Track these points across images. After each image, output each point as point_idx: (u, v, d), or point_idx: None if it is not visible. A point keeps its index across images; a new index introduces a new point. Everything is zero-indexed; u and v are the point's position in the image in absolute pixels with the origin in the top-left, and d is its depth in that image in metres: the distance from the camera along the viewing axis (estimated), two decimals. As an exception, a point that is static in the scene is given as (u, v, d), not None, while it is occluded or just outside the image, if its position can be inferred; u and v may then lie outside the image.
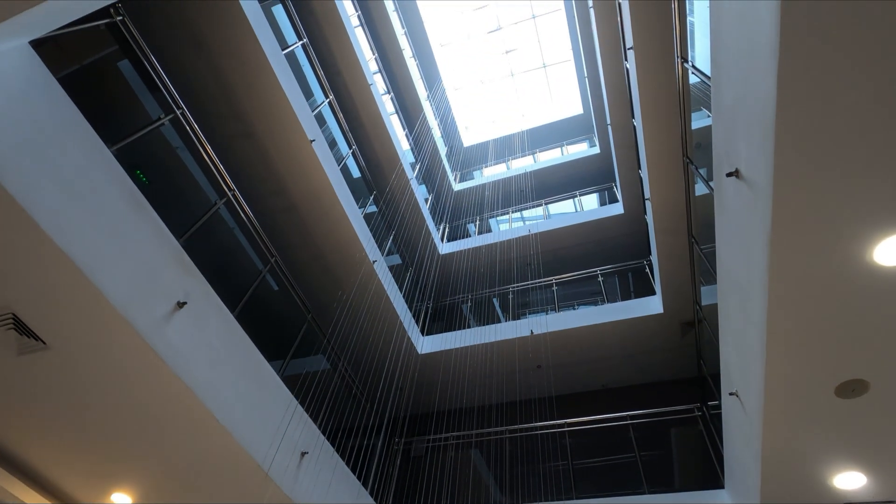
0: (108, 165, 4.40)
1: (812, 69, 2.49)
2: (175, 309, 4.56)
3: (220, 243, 6.60)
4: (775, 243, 3.07)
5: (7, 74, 3.67)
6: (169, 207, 5.42)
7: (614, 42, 9.25)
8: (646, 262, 11.00)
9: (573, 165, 15.23)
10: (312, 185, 8.53)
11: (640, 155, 8.45)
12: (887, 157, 2.70)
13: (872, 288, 3.24)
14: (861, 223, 2.94)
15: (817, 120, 2.63)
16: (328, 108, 10.06)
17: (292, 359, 7.17)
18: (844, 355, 3.66)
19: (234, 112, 8.02)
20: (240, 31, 7.27)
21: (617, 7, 7.76)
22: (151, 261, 4.51)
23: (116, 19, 5.12)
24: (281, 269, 7.17)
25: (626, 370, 10.09)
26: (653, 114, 7.15)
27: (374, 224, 10.62)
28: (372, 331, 9.07)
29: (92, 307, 3.95)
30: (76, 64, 4.94)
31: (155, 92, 5.81)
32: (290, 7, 9.27)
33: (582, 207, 14.58)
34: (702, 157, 5.70)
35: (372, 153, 12.05)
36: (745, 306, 3.98)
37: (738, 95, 3.24)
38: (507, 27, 17.79)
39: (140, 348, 4.17)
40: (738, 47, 3.06)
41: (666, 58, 6.60)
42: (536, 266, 11.70)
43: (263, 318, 6.93)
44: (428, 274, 12.66)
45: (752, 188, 3.22)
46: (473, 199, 15.44)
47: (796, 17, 2.36)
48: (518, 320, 10.66)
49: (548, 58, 18.15)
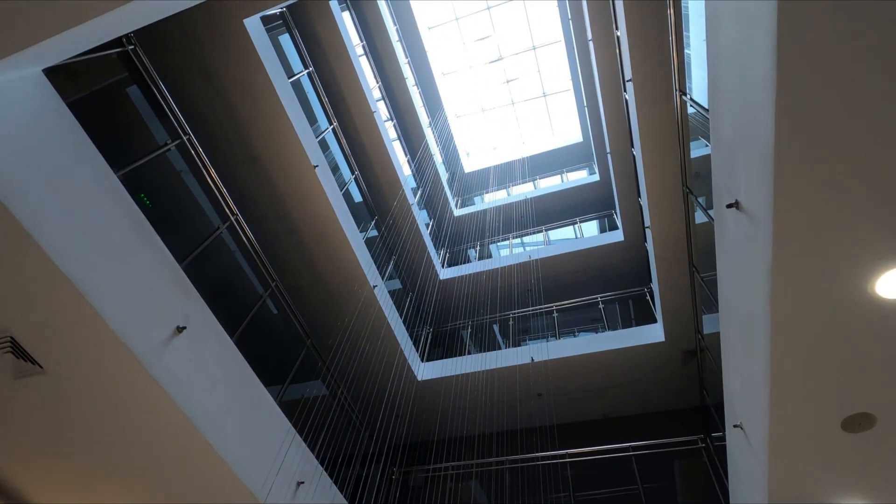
0: (114, 190, 4.44)
1: (810, 104, 2.54)
2: (174, 334, 4.54)
3: (221, 267, 6.60)
4: (776, 274, 3.08)
5: (20, 101, 3.74)
6: (172, 230, 5.45)
7: (613, 73, 9.45)
8: (646, 290, 10.98)
9: (573, 192, 15.36)
10: (315, 210, 8.59)
11: (639, 183, 8.54)
12: (887, 191, 2.73)
13: (875, 321, 3.23)
14: (862, 256, 2.95)
15: (816, 153, 2.67)
16: (332, 135, 10.22)
17: (291, 384, 7.09)
18: (850, 389, 3.62)
19: (239, 137, 8.15)
20: (247, 60, 7.45)
21: (616, 41, 7.96)
22: (153, 285, 4.50)
23: (128, 48, 5.25)
24: (281, 294, 7.15)
25: (628, 399, 9.96)
26: (652, 143, 7.25)
27: (375, 249, 10.64)
28: (371, 357, 8.99)
29: (91, 331, 3.92)
30: (87, 90, 5.04)
31: (162, 117, 5.91)
32: (297, 37, 9.51)
33: (582, 234, 14.64)
34: (701, 185, 5.75)
35: (374, 178, 12.18)
36: (747, 337, 3.96)
37: (736, 128, 3.30)
38: (508, 57, 18.21)
39: (137, 374, 4.13)
40: (735, 81, 3.13)
41: (664, 89, 6.74)
42: (537, 292, 11.67)
43: (262, 341, 6.88)
44: (428, 299, 12.62)
45: (752, 219, 3.24)
46: (474, 224, 15.51)
47: (793, 53, 2.42)
48: (518, 347, 10.57)
49: (548, 87, 18.53)
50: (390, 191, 12.27)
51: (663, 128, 7.00)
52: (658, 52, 6.56)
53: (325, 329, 8.61)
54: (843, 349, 3.41)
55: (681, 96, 5.42)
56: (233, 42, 7.41)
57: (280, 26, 9.16)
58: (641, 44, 6.72)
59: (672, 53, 5.57)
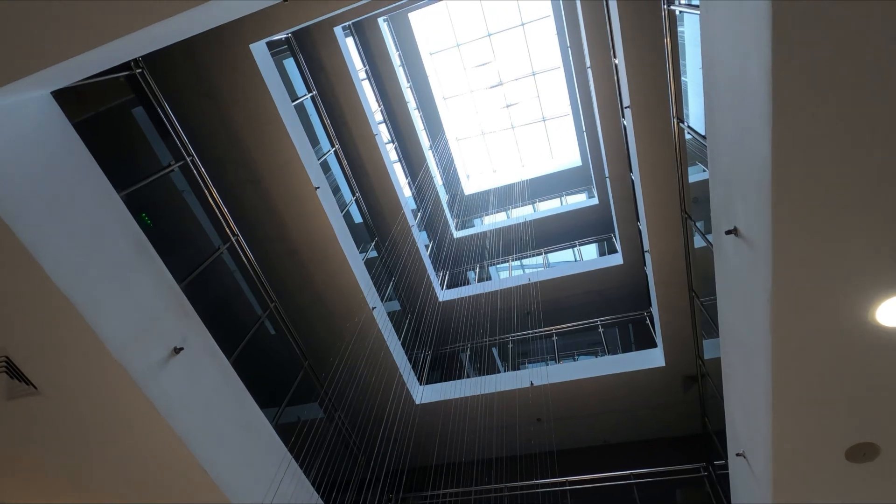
0: (116, 210, 4.46)
1: (806, 132, 2.57)
2: (171, 355, 4.50)
3: (220, 287, 6.59)
4: (776, 302, 3.08)
5: (28, 122, 3.80)
6: (172, 250, 5.46)
7: (612, 100, 9.61)
8: (646, 314, 10.94)
9: (572, 215, 15.44)
10: (315, 231, 8.62)
11: (638, 208, 8.59)
12: (885, 218, 2.75)
13: (877, 349, 3.21)
14: (861, 284, 2.96)
15: (814, 180, 2.69)
16: (333, 157, 10.32)
17: (287, 406, 7.00)
18: (853, 418, 3.58)
19: (242, 158, 8.23)
20: (252, 84, 7.58)
21: (614, 68, 8.12)
22: (151, 305, 4.49)
23: (136, 72, 5.34)
24: (280, 315, 7.12)
25: (628, 425, 9.82)
26: (650, 168, 7.33)
27: (375, 270, 10.64)
28: (369, 379, 8.89)
29: (88, 352, 3.90)
30: (93, 110, 5.12)
31: (166, 138, 5.99)
32: (301, 61, 9.70)
33: (581, 257, 14.66)
34: (700, 210, 5.79)
35: (374, 199, 12.26)
36: (748, 364, 3.94)
37: (733, 156, 3.34)
38: (507, 83, 18.54)
39: (133, 395, 4.08)
40: (732, 110, 3.18)
41: (662, 115, 6.84)
42: (536, 315, 11.63)
43: (259, 362, 6.82)
44: (427, 321, 12.56)
45: (751, 246, 3.26)
46: (474, 246, 15.54)
47: (788, 83, 2.47)
48: (518, 371, 10.48)
49: (547, 112, 18.81)
50: (391, 212, 12.34)
51: (662, 153, 7.08)
52: (656, 80, 6.68)
53: (323, 351, 8.54)
54: (846, 378, 3.38)
55: (678, 124, 5.50)
56: (238, 66, 7.56)
57: (285, 51, 9.35)
58: (639, 71, 6.86)
59: (669, 82, 5.68)
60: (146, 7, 2.88)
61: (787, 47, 2.39)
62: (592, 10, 9.12)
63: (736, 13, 2.75)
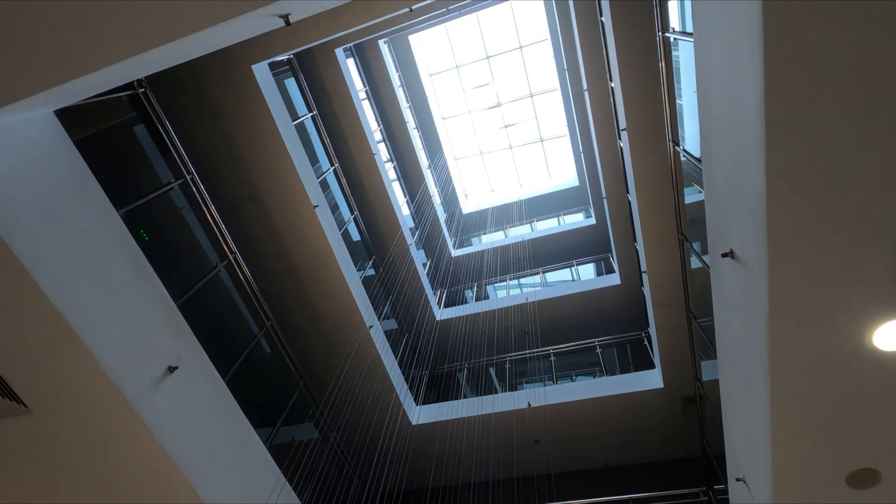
0: (115, 227, 4.47)
1: (800, 158, 2.61)
2: (165, 373, 4.46)
3: (217, 304, 6.56)
4: (773, 325, 3.08)
5: (30, 141, 3.83)
6: (169, 267, 5.45)
7: (608, 121, 9.74)
8: (644, 334, 10.91)
9: (570, 235, 15.49)
10: (313, 249, 8.63)
11: (635, 228, 8.64)
12: (881, 241, 2.77)
13: (875, 373, 3.21)
14: (858, 308, 2.97)
15: (808, 204, 2.72)
16: (332, 175, 10.39)
17: (282, 426, 6.91)
18: (853, 443, 3.56)
19: (242, 176, 8.28)
20: (254, 104, 7.67)
21: (610, 91, 8.25)
22: (147, 323, 4.46)
23: (139, 91, 5.41)
24: (276, 334, 7.08)
25: (627, 447, 9.70)
26: (647, 190, 7.39)
27: (373, 289, 10.61)
28: (365, 399, 8.80)
29: (81, 370, 3.86)
30: (95, 128, 5.17)
31: (166, 155, 6.03)
32: (303, 81, 9.84)
33: (579, 277, 14.66)
34: (697, 231, 5.83)
35: (373, 217, 12.29)
36: (746, 387, 3.92)
37: (728, 180, 3.38)
38: (506, 104, 18.79)
39: (125, 414, 4.03)
40: (726, 135, 3.23)
41: (658, 138, 6.93)
42: (534, 335, 11.57)
43: (254, 381, 6.75)
44: (425, 340, 12.48)
45: (747, 269, 3.27)
46: (472, 265, 15.55)
47: (780, 109, 2.51)
48: (515, 391, 10.38)
49: (545, 132, 19.03)
50: (389, 230, 12.37)
51: (658, 175, 7.15)
52: (652, 103, 6.79)
53: (318, 370, 8.47)
54: (846, 402, 3.37)
55: (674, 147, 5.57)
56: (240, 85, 7.66)
57: (287, 71, 9.49)
58: (635, 95, 6.97)
59: (665, 106, 5.77)
60: (151, 31, 2.93)
61: (778, 76, 2.45)
62: (589, 35, 9.31)
63: (729, 43, 2.82)
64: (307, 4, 3.17)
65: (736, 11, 2.60)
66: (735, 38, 2.71)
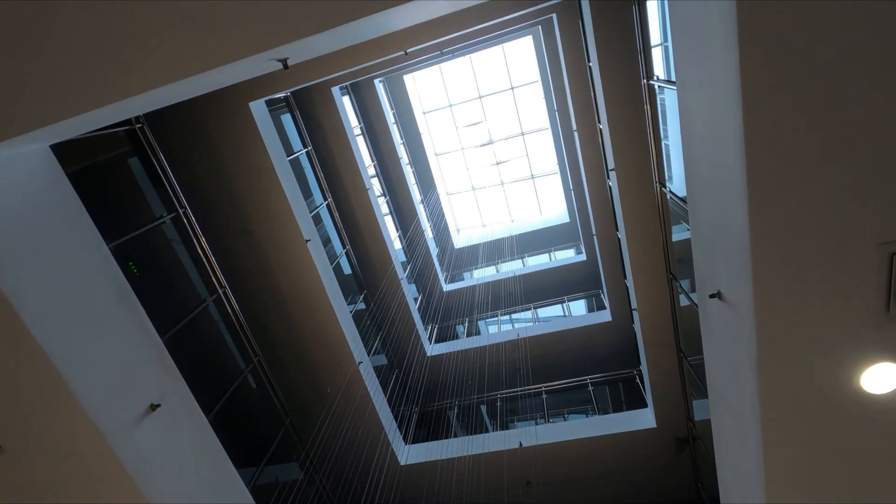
0: (104, 261, 4.43)
1: (782, 202, 2.69)
2: (147, 412, 4.33)
3: (204, 339, 6.45)
4: (763, 368, 3.09)
5: (24, 174, 3.84)
6: (157, 300, 5.39)
7: (597, 162, 9.98)
8: (636, 372, 10.84)
9: (561, 271, 15.58)
10: (304, 283, 8.58)
11: (625, 265, 8.72)
12: (863, 289, 2.83)
13: (865, 416, 3.21)
14: (845, 351, 3.00)
15: (793, 249, 2.79)
16: (326, 209, 10.46)
17: (266, 465, 6.69)
18: (847, 485, 3.52)
19: (234, 210, 8.30)
20: (250, 140, 7.78)
21: (599, 132, 8.49)
22: (131, 359, 4.37)
23: (136, 126, 5.48)
24: (263, 370, 6.95)
25: (620, 489, 9.46)
26: (636, 229, 7.51)
27: (363, 323, 10.52)
28: (353, 438, 8.57)
29: (60, 408, 3.74)
30: (89, 160, 5.20)
31: (159, 189, 6.05)
32: (299, 117, 10.03)
33: (570, 313, 14.66)
34: (686, 269, 5.90)
35: (365, 251, 12.31)
36: (738, 429, 3.89)
37: (713, 223, 3.46)
38: (498, 141, 19.22)
39: (104, 457, 3.89)
40: (710, 181, 3.33)
41: (646, 178, 7.11)
42: (525, 371, 11.45)
43: (240, 419, 6.57)
44: (415, 376, 12.29)
45: (734, 311, 3.31)
46: (463, 300, 15.51)
47: (761, 158, 2.61)
48: (507, 430, 10.18)
49: (536, 169, 19.41)
50: (380, 264, 12.37)
51: (646, 214, 7.28)
52: (639, 144, 6.99)
53: (305, 407, 8.27)
54: (838, 444, 3.35)
55: (661, 188, 5.70)
56: (237, 122, 7.78)
57: (283, 107, 9.68)
58: (622, 136, 7.18)
59: (651, 148, 5.94)
60: (152, 72, 3.01)
61: (758, 125, 2.55)
62: (578, 78, 9.66)
63: (710, 93, 2.95)
64: (305, 50, 3.28)
65: (715, 64, 2.73)
66: (715, 89, 2.83)
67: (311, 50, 3.45)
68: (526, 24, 10.40)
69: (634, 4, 5.91)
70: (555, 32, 9.97)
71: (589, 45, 7.43)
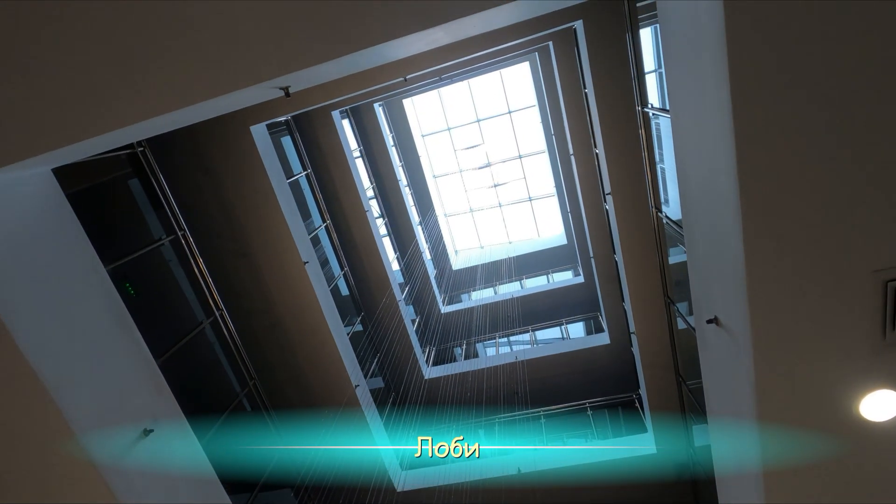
0: (101, 284, 4.43)
1: (778, 229, 2.71)
2: (140, 437, 4.26)
3: (199, 362, 6.40)
4: (760, 393, 3.08)
5: (23, 196, 3.87)
6: (153, 322, 5.36)
7: (594, 185, 10.07)
8: (635, 396, 10.74)
9: (559, 293, 15.55)
10: (301, 304, 8.55)
11: (622, 288, 8.72)
12: (861, 315, 2.83)
13: (866, 443, 3.18)
14: (844, 378, 2.99)
15: (789, 274, 2.80)
16: (324, 231, 10.49)
17: (260, 491, 6.56)
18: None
19: (233, 232, 8.32)
20: (250, 163, 7.85)
21: (595, 157, 8.61)
22: (125, 384, 4.32)
23: (138, 150, 5.54)
24: (259, 394, 6.87)
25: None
26: (633, 252, 7.55)
27: (360, 346, 10.44)
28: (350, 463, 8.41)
29: (51, 431, 3.68)
30: (90, 182, 5.23)
31: (159, 211, 6.08)
32: (298, 140, 10.14)
33: (568, 335, 14.58)
34: (683, 292, 5.91)
35: (362, 273, 12.30)
36: (739, 456, 3.84)
37: (709, 249, 3.48)
38: (495, 164, 19.42)
39: (94, 481, 3.81)
40: (704, 207, 3.37)
41: (642, 202, 7.17)
42: (523, 394, 11.32)
43: (233, 443, 6.46)
44: (412, 399, 12.14)
45: (732, 336, 3.31)
46: (461, 322, 15.43)
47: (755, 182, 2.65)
48: (504, 455, 10.02)
49: (533, 191, 19.57)
50: (378, 286, 12.34)
51: (643, 237, 7.33)
52: (635, 169, 7.08)
53: (300, 432, 8.14)
54: (839, 472, 3.31)
55: (657, 212, 5.75)
56: (237, 145, 7.86)
57: (283, 130, 9.80)
58: (618, 161, 7.28)
59: (646, 172, 6.02)
60: (155, 99, 3.06)
61: (750, 152, 2.60)
62: (574, 104, 9.82)
63: (703, 121, 3.01)
64: (307, 78, 3.35)
65: (707, 91, 2.80)
66: (708, 115, 2.89)
67: (313, 78, 3.53)
68: (523, 52, 10.63)
69: (628, 33, 6.06)
70: (551, 59, 10.18)
71: (584, 72, 7.59)
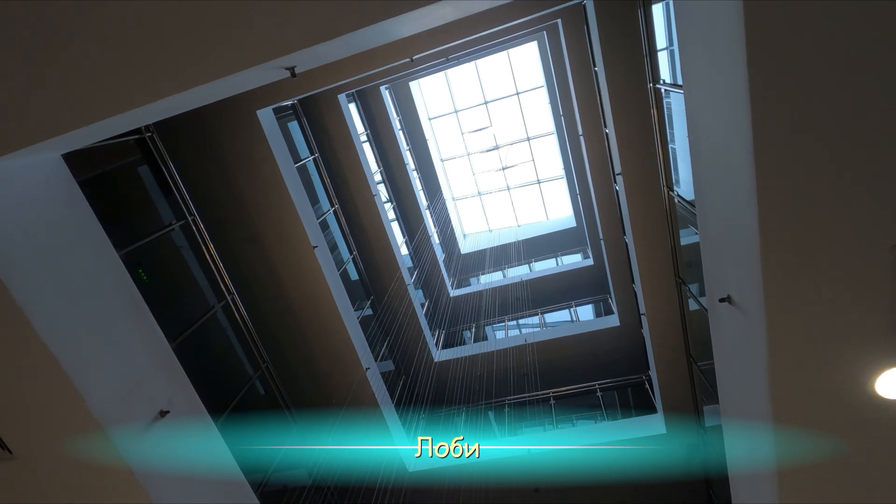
0: (114, 269, 4.48)
1: (792, 203, 2.66)
2: (156, 418, 4.35)
3: (212, 346, 6.48)
4: (773, 373, 3.05)
5: (35, 182, 3.89)
6: (166, 306, 5.42)
7: (604, 166, 9.95)
8: (645, 377, 10.74)
9: (568, 276, 15.50)
10: (311, 289, 8.61)
11: (633, 270, 8.66)
12: (879, 291, 2.78)
13: (881, 422, 3.15)
14: (859, 355, 2.95)
15: (804, 251, 2.75)
16: (333, 216, 10.50)
17: (275, 472, 6.69)
18: (862, 491, 3.45)
19: (242, 217, 8.36)
20: (257, 147, 7.84)
21: (605, 136, 8.48)
22: (141, 366, 4.40)
23: (146, 135, 5.54)
24: (271, 376, 6.96)
25: (630, 496, 9.35)
26: (643, 233, 7.47)
27: (371, 329, 10.52)
28: (362, 444, 8.55)
29: (71, 415, 3.77)
30: (100, 169, 5.25)
31: (169, 197, 6.11)
32: (305, 125, 10.10)
33: (578, 318, 14.58)
34: (695, 273, 5.85)
35: (371, 257, 12.33)
36: (750, 438, 3.84)
37: (722, 225, 3.43)
38: (503, 146, 19.23)
39: (113, 461, 3.90)
40: (718, 181, 3.31)
41: (653, 182, 7.07)
42: (533, 376, 11.38)
43: (248, 425, 6.58)
44: (422, 382, 12.26)
45: (745, 315, 3.28)
46: (470, 305, 15.47)
47: (770, 159, 2.59)
48: (514, 436, 10.12)
49: (542, 173, 19.39)
50: (387, 270, 12.38)
51: (654, 218, 7.24)
52: (646, 148, 6.96)
53: (313, 414, 8.27)
54: (854, 453, 3.29)
55: (668, 192, 5.67)
56: (245, 130, 7.85)
57: (290, 114, 9.76)
58: (629, 141, 7.16)
59: (658, 152, 5.92)
60: (161, 81, 3.04)
61: (766, 125, 2.53)
62: (583, 83, 9.65)
63: (717, 95, 2.93)
64: (313, 58, 3.31)
65: (722, 66, 2.72)
66: (723, 91, 2.82)
67: (319, 58, 3.48)
68: (531, 30, 10.42)
69: (640, 8, 5.91)
70: (560, 38, 9.98)
71: (594, 50, 7.43)
